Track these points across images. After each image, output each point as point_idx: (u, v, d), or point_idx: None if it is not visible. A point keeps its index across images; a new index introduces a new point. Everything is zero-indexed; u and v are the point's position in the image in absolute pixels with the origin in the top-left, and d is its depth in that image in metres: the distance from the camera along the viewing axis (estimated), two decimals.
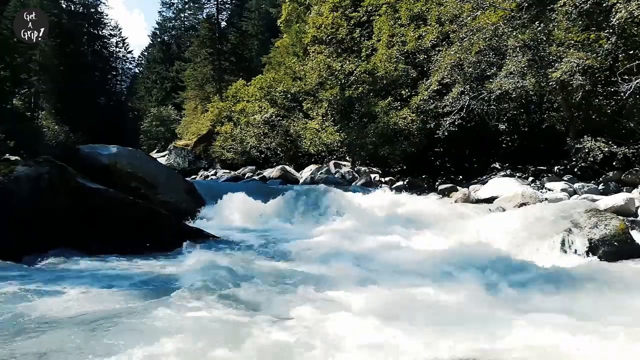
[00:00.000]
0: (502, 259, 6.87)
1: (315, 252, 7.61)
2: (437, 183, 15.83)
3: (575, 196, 11.61)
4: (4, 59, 18.16)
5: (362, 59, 20.12)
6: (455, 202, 12.53)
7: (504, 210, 10.72)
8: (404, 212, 10.84)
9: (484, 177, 14.91)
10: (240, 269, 6.11)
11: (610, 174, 12.90)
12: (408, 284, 5.45)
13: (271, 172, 20.77)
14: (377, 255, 7.30)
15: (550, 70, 12.91)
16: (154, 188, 11.21)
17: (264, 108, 23.93)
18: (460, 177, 16.25)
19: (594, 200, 10.08)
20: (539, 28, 13.21)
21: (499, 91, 14.18)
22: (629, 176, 12.42)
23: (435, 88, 16.59)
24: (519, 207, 10.39)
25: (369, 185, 16.02)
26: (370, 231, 9.63)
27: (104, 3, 75.52)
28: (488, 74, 15.02)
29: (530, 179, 13.97)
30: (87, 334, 3.84)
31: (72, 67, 36.45)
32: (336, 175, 17.91)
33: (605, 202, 10.10)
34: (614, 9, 11.50)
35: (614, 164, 12.99)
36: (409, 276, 5.79)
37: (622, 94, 12.02)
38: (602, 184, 12.44)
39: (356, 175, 17.85)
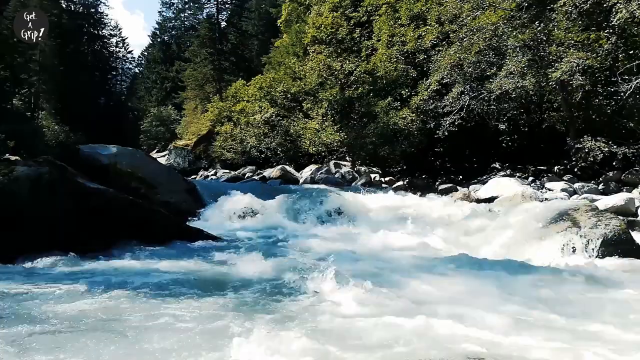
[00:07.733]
0: (502, 259, 6.89)
1: (316, 252, 7.62)
2: (437, 183, 15.83)
3: (575, 196, 11.62)
4: (4, 59, 18.15)
5: (362, 59, 20.10)
6: (455, 202, 12.53)
7: (503, 210, 10.71)
8: (404, 212, 10.85)
9: (484, 177, 14.92)
10: (240, 269, 6.12)
11: (610, 174, 12.90)
12: (407, 283, 5.45)
13: (271, 172, 20.77)
14: (376, 255, 7.30)
15: (550, 70, 12.92)
16: (154, 188, 11.22)
17: (264, 108, 23.93)
18: (460, 177, 16.24)
19: (594, 200, 10.08)
20: (539, 28, 13.22)
21: (499, 91, 14.19)
22: (629, 176, 12.42)
23: (435, 88, 16.60)
24: (519, 207, 10.38)
25: (369, 185, 16.02)
26: (369, 231, 9.65)
27: (104, 3, 75.60)
28: (488, 74, 15.02)
29: (530, 179, 13.97)
30: (85, 334, 3.84)
31: (72, 67, 36.37)
32: (336, 175, 17.91)
33: (605, 202, 10.11)
34: (614, 9, 11.50)
35: (614, 164, 13.00)
36: (409, 275, 5.79)
37: (622, 94, 12.03)
38: (602, 184, 12.45)
39: (356, 175, 17.85)
